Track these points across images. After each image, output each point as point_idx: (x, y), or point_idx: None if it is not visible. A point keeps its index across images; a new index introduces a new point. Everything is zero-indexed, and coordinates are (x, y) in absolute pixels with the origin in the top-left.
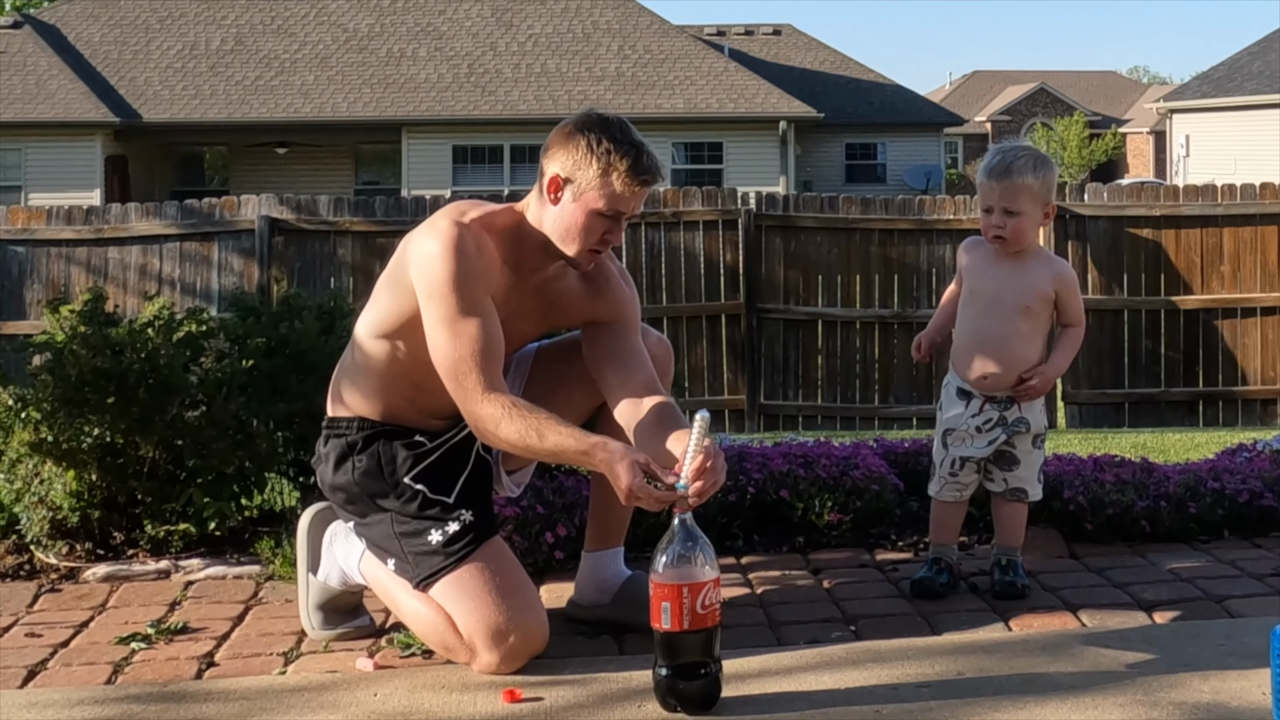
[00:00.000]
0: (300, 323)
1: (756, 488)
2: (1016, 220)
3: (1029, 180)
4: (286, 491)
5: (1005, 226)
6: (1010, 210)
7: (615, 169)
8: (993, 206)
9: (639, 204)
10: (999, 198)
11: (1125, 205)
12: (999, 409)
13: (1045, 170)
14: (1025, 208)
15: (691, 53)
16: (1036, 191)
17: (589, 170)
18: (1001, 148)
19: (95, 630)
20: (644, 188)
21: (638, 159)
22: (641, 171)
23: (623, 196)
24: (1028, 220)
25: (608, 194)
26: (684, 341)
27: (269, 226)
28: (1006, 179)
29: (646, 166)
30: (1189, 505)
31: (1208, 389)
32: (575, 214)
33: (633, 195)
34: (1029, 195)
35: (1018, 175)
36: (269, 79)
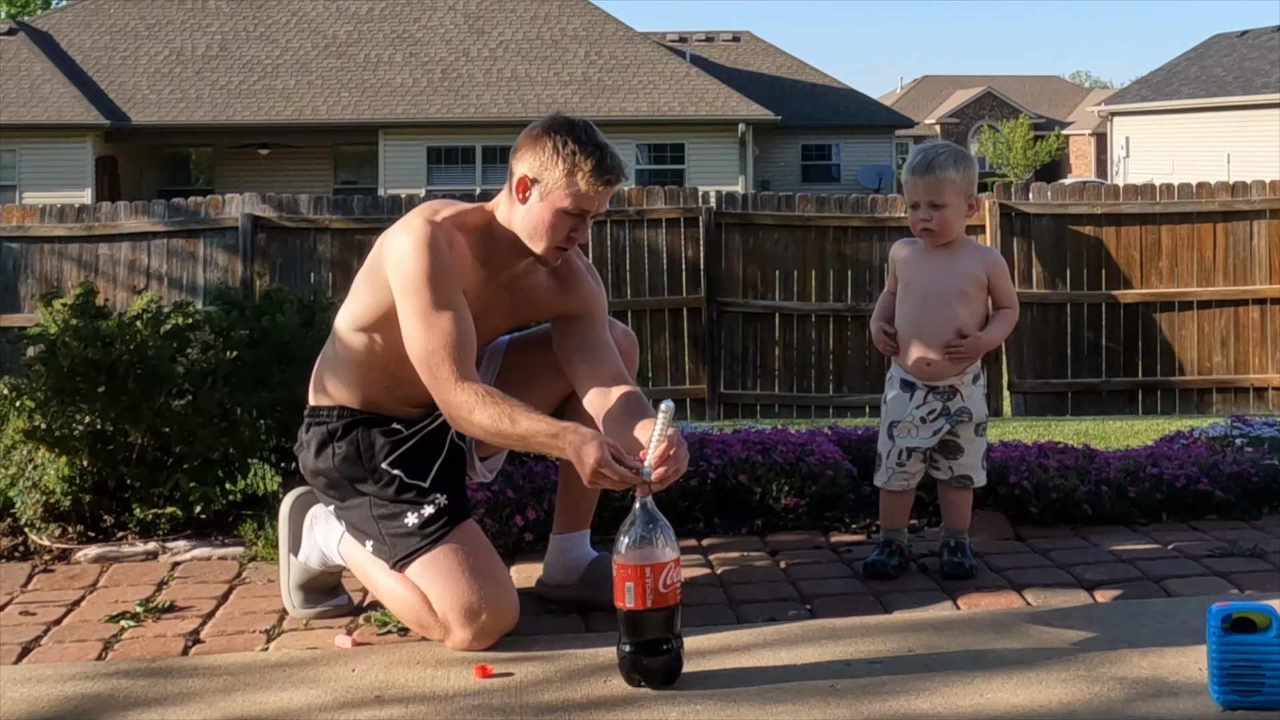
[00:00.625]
0: (282, 316)
1: (716, 473)
2: (942, 213)
3: (951, 175)
4: (269, 476)
5: (932, 219)
6: (936, 204)
7: (580, 169)
8: (919, 201)
9: (603, 203)
10: (924, 193)
11: (1068, 204)
12: (942, 399)
13: (965, 165)
14: (950, 200)
15: (655, 58)
16: (959, 185)
17: (555, 171)
18: (923, 147)
19: (86, 609)
20: (607, 187)
21: (601, 160)
22: (605, 172)
23: (587, 196)
24: (953, 212)
25: (573, 193)
26: (648, 333)
27: (252, 224)
28: (930, 174)
29: (610, 167)
30: (1129, 490)
31: (1146, 379)
32: (542, 213)
33: (597, 195)
34: (952, 189)
35: (940, 170)
36: (252, 83)
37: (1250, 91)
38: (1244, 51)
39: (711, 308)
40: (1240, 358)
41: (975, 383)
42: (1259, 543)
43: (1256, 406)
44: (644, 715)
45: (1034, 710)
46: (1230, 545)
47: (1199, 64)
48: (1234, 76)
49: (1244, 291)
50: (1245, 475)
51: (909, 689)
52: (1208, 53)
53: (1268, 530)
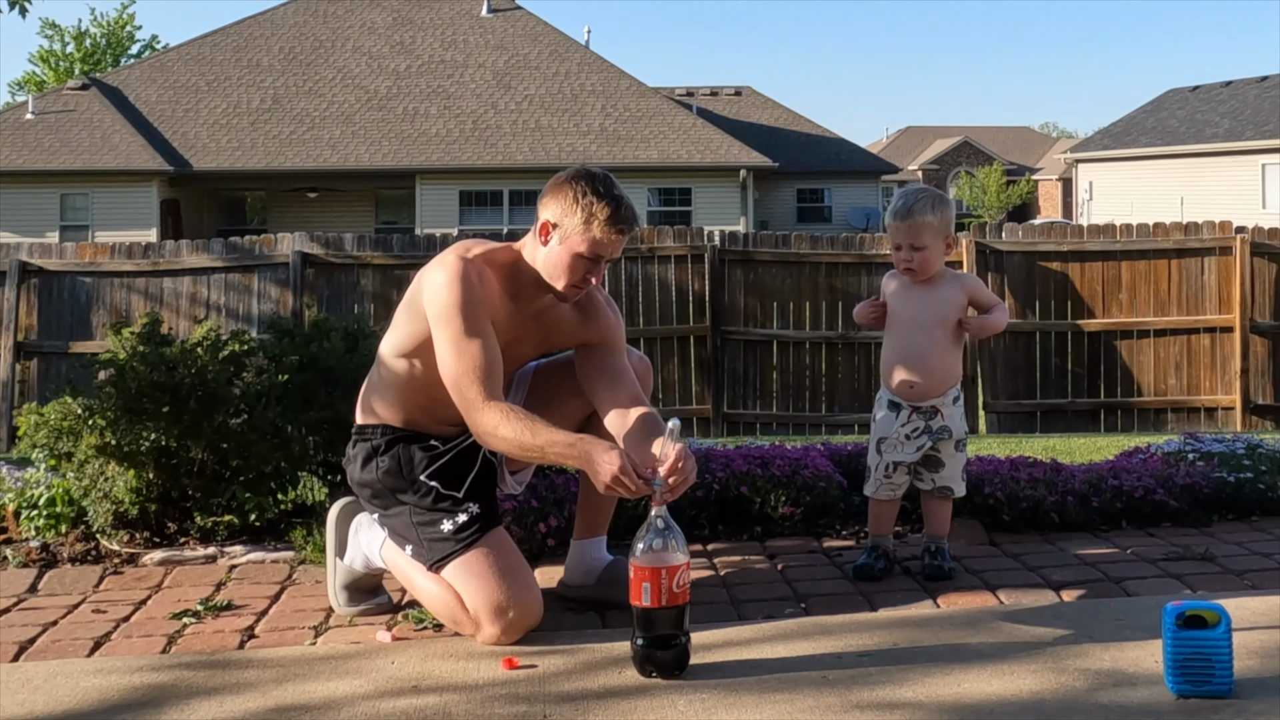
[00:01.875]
0: (328, 343)
1: (721, 484)
2: (922, 254)
3: (929, 219)
4: (316, 488)
5: (913, 260)
6: (916, 246)
7: (596, 219)
8: (901, 244)
9: (617, 249)
10: (905, 235)
11: (1037, 242)
12: (925, 418)
13: (943, 208)
14: (929, 242)
15: (665, 111)
16: (937, 227)
17: (574, 218)
18: (904, 192)
19: (152, 607)
20: (620, 236)
21: (616, 211)
22: (618, 222)
23: (602, 242)
24: (931, 252)
25: (589, 239)
26: (658, 358)
27: (301, 260)
28: (910, 219)
29: (623, 218)
30: (1092, 500)
31: (1108, 400)
32: (561, 255)
33: (610, 242)
34: (931, 231)
35: (919, 215)
36: (301, 134)
37: (1201, 141)
38: (1196, 105)
39: (716, 335)
40: (1193, 381)
41: (955, 403)
42: (1209, 547)
43: (1207, 425)
44: (656, 703)
45: (1006, 699)
46: (1183, 550)
47: (1155, 116)
48: (1187, 127)
49: (1196, 321)
50: (1197, 487)
51: (893, 679)
52: (1163, 106)
53: (1217, 536)
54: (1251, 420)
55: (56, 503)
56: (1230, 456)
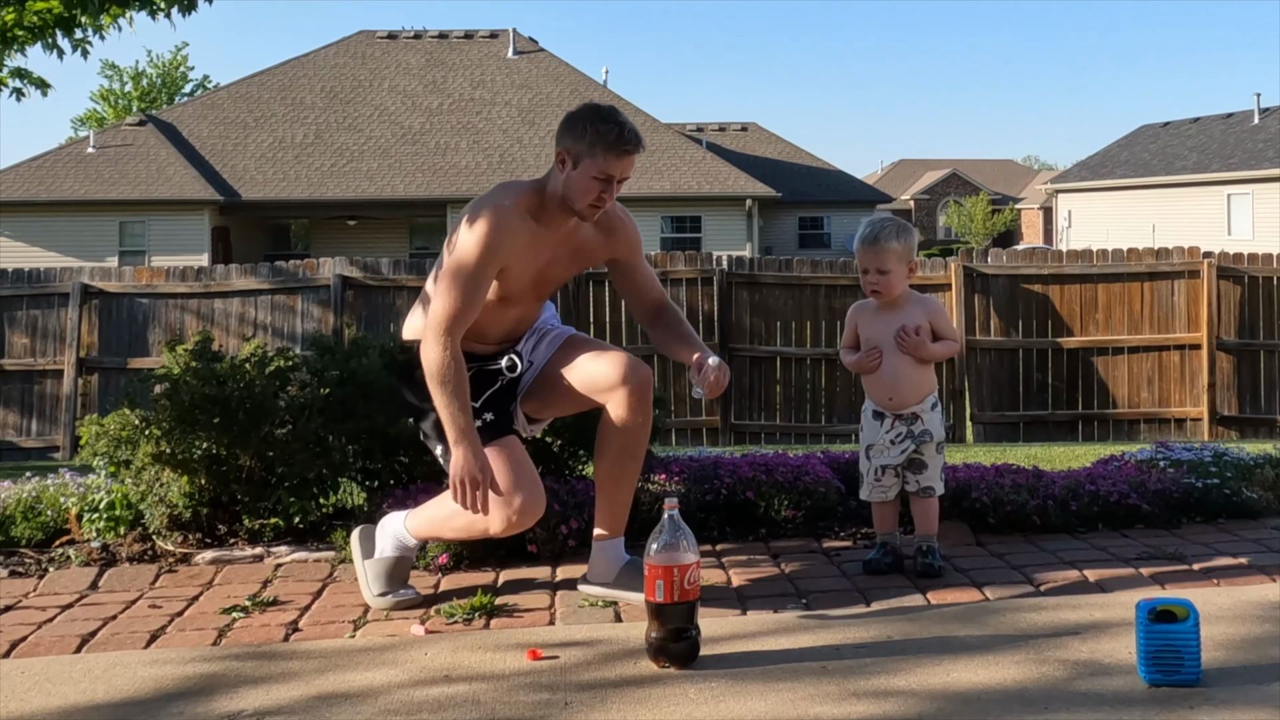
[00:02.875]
0: (366, 359)
1: (728, 489)
2: (887, 277)
3: (894, 245)
4: (355, 493)
5: (879, 283)
6: (881, 270)
7: (601, 142)
8: (868, 268)
9: (627, 169)
10: (872, 260)
11: (1020, 266)
12: (906, 424)
13: (906, 235)
14: (893, 266)
15: (676, 145)
16: (900, 252)
17: (581, 145)
18: (870, 221)
19: (204, 603)
20: (626, 155)
21: (619, 134)
22: (623, 142)
23: (610, 163)
24: (896, 276)
25: (598, 163)
26: (671, 374)
27: (342, 283)
28: (875, 245)
29: (626, 139)
30: (1071, 504)
31: (1086, 411)
32: (577, 179)
33: (618, 161)
34: (895, 256)
35: (884, 241)
36: (341, 166)
37: (1172, 173)
38: (1166, 139)
39: (723, 352)
40: (1164, 394)
41: (934, 410)
42: (1179, 548)
43: (1177, 435)
44: (669, 691)
45: (992, 687)
46: (1155, 550)
47: (1129, 150)
48: (1158, 160)
49: (1166, 339)
50: (1168, 492)
51: (888, 669)
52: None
53: (1186, 537)
54: (1218, 430)
55: (116, 506)
56: (1198, 464)
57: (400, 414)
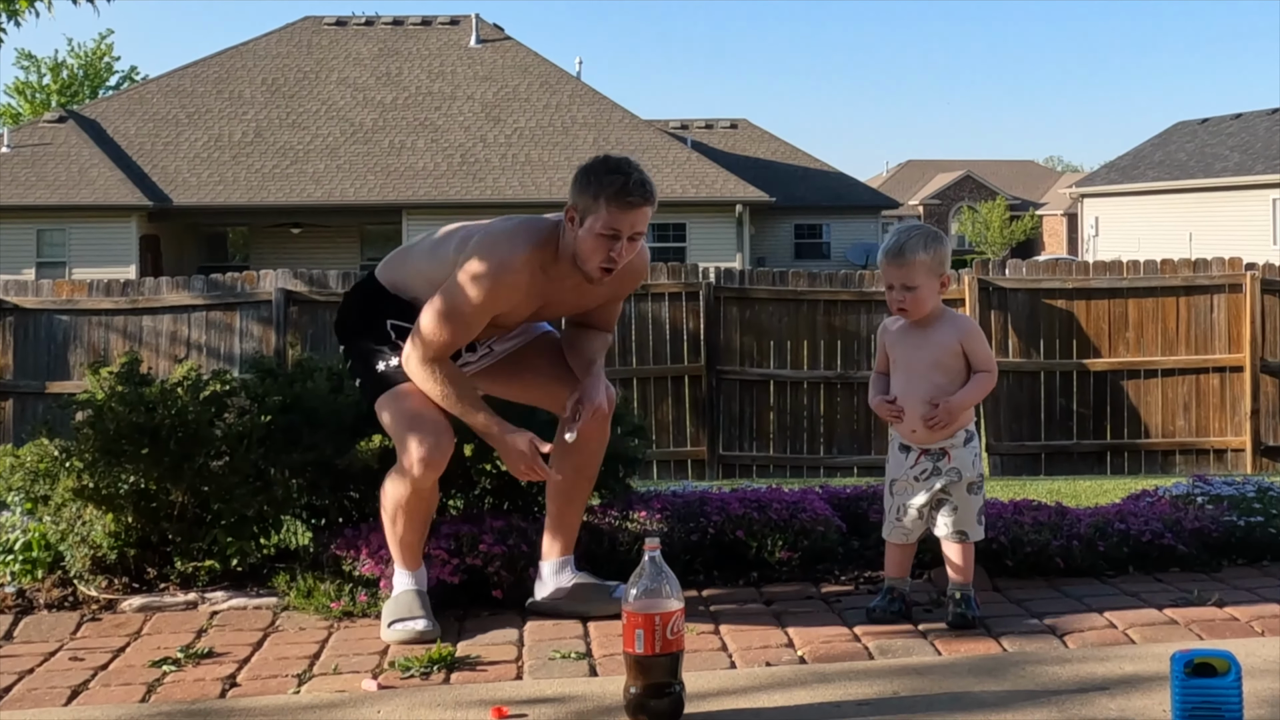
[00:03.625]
0: (312, 383)
1: (716, 528)
2: (914, 294)
3: (921, 257)
4: (300, 532)
5: (905, 300)
6: (908, 285)
7: (604, 195)
8: (893, 284)
9: (635, 223)
10: (897, 275)
11: (1042, 279)
12: (933, 460)
13: (936, 245)
14: (921, 281)
15: (658, 144)
16: (929, 266)
17: (586, 199)
18: (897, 229)
19: (131, 654)
20: (631, 209)
21: (624, 186)
22: (627, 194)
23: (615, 216)
24: (925, 291)
25: (603, 218)
26: (652, 399)
27: (285, 298)
28: (901, 259)
29: (631, 190)
30: (1098, 544)
31: (1115, 441)
32: (584, 238)
33: (623, 214)
34: (923, 270)
35: (910, 254)
36: (284, 167)
37: (1210, 175)
38: (1205, 138)
39: (711, 375)
40: (1201, 422)
41: (967, 444)
42: (1219, 593)
43: (1216, 467)
44: None
45: None
46: (1191, 595)
47: (1163, 149)
48: (1195, 161)
49: (1205, 360)
50: (1206, 531)
51: None
52: (1171, 139)
53: (1226, 581)
54: (1262, 462)
55: (33, 547)
56: (1240, 500)
57: (350, 444)
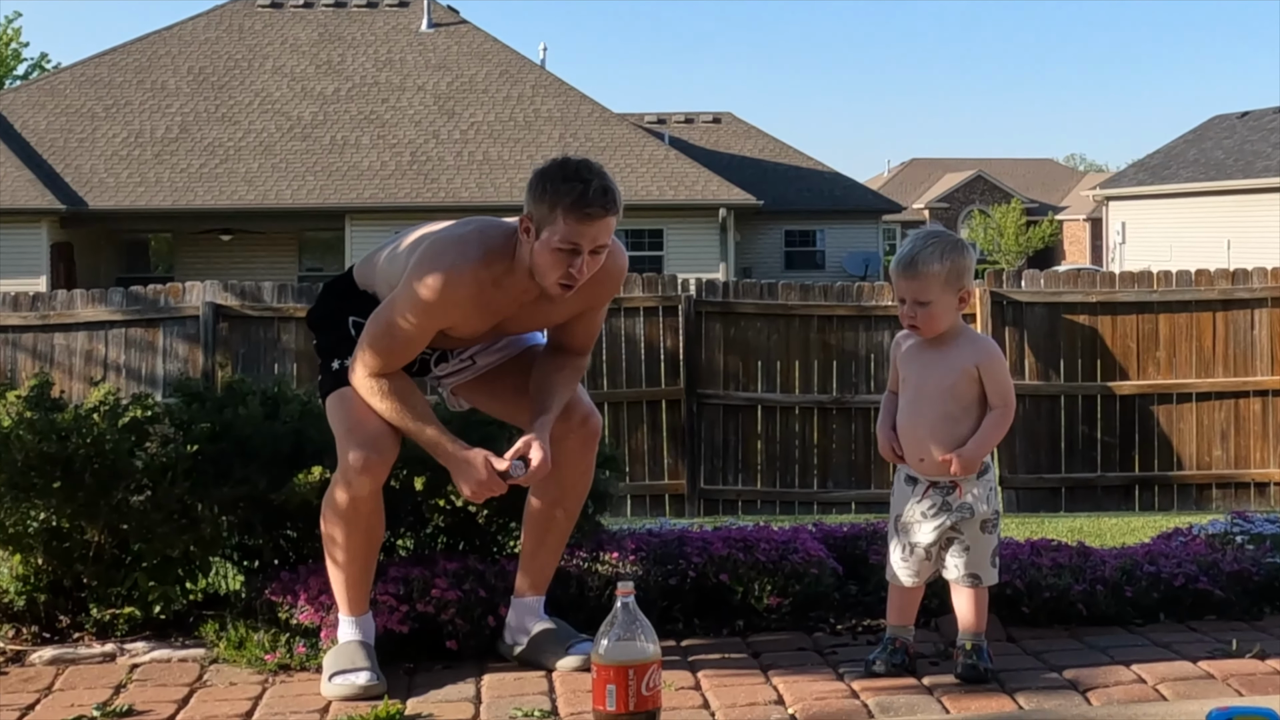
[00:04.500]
0: (245, 409)
1: (696, 571)
2: (927, 309)
3: (935, 269)
4: (231, 575)
5: (917, 316)
6: (921, 300)
7: (560, 206)
8: (905, 297)
9: (596, 236)
10: (909, 288)
11: (1062, 291)
12: (942, 494)
13: (954, 255)
14: (935, 296)
15: (632, 140)
16: (945, 279)
17: (542, 209)
18: (913, 236)
19: (41, 712)
20: (591, 221)
21: (582, 194)
22: (585, 205)
23: (573, 229)
24: (939, 307)
25: (560, 230)
26: (625, 426)
27: (214, 313)
28: (913, 270)
29: (590, 200)
30: (1125, 589)
31: (1144, 474)
32: (540, 251)
33: (582, 226)
34: (938, 284)
35: (924, 265)
36: (213, 166)
37: (1251, 175)
38: (1245, 133)
39: (691, 399)
40: (1241, 451)
41: (981, 477)
42: (1260, 644)
43: (1258, 502)
44: None
45: None
46: (1229, 646)
47: (1198, 146)
48: (1234, 159)
49: (1245, 383)
50: (1246, 574)
51: None
52: (1207, 135)
53: (1269, 631)
54: None
55: None
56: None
57: (287, 477)
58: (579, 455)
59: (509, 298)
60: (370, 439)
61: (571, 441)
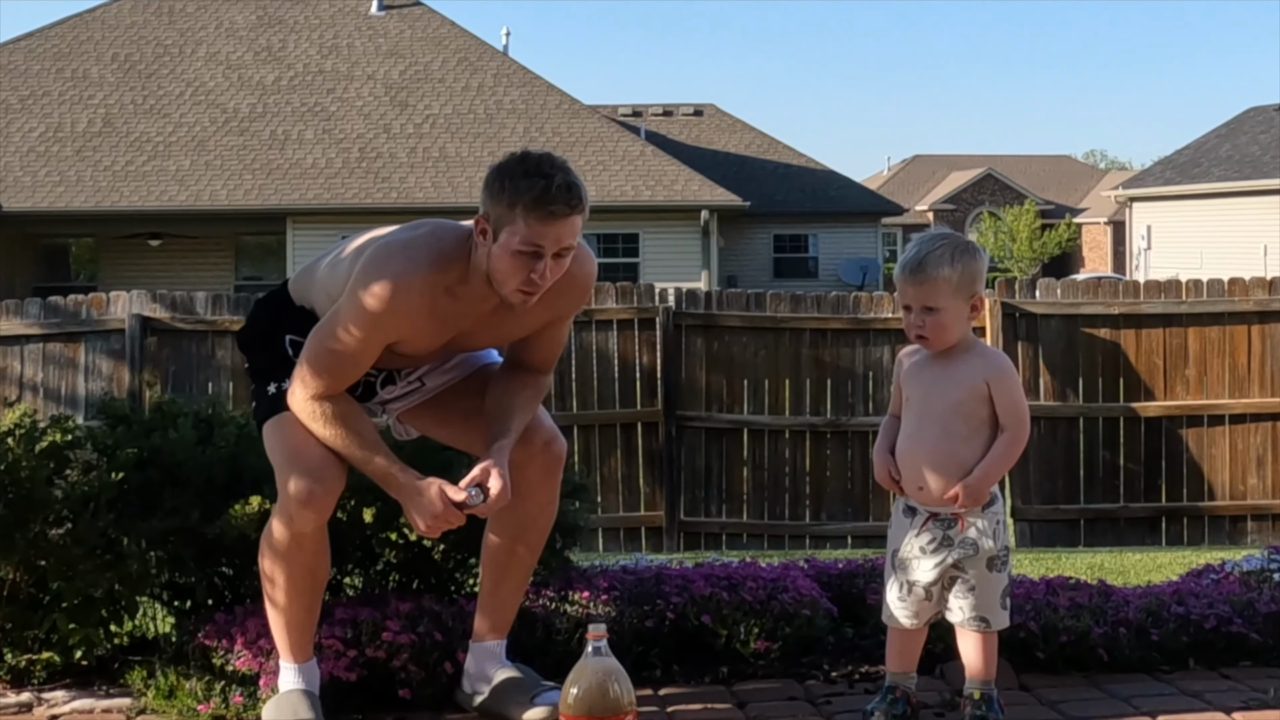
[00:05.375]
0: (175, 432)
1: (676, 612)
2: (936, 317)
3: (945, 273)
4: (160, 617)
5: (925, 325)
6: (929, 307)
7: (520, 203)
8: (911, 304)
9: (560, 236)
10: (915, 295)
11: (1081, 303)
12: (943, 528)
13: (966, 259)
14: (945, 303)
15: (604, 135)
16: (956, 284)
17: (500, 208)
18: (920, 238)
19: None
20: (554, 220)
21: (545, 190)
22: (548, 202)
23: (534, 229)
24: (949, 316)
25: (519, 232)
26: (596, 452)
27: (141, 326)
28: (921, 274)
29: (554, 196)
30: (1150, 632)
31: (1171, 504)
32: (498, 255)
33: (547, 229)
34: (948, 289)
35: (933, 269)
36: (140, 164)
37: None
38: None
39: (670, 422)
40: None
41: (987, 509)
42: None
43: None
44: None
45: None
46: (1266, 696)
47: (1231, 141)
48: (1272, 155)
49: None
50: None
51: None
52: (1242, 129)
53: None
54: None
55: None
56: None
57: (222, 508)
58: (541, 484)
59: (464, 308)
60: (313, 469)
61: (533, 469)
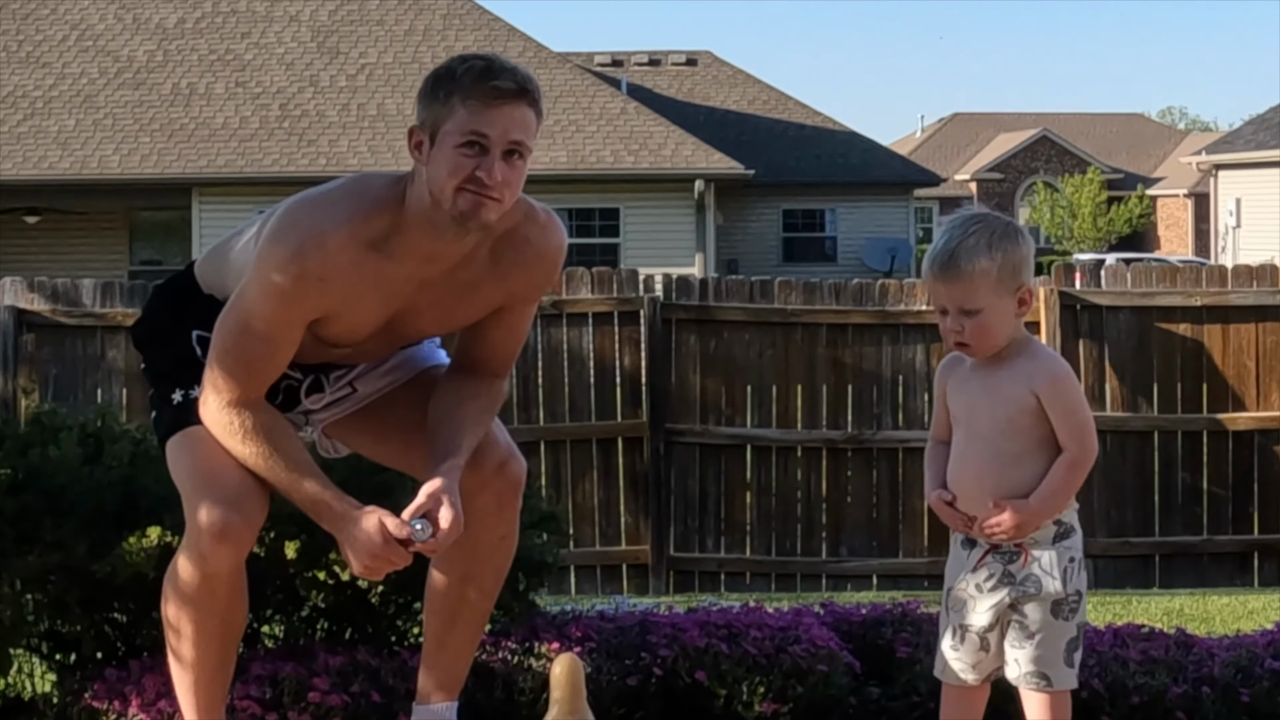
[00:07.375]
0: (57, 449)
1: (664, 668)
2: (977, 320)
3: (983, 265)
4: (39, 673)
5: (964, 330)
6: (966, 309)
7: (458, 90)
8: (946, 306)
9: (508, 126)
10: (949, 296)
11: (1155, 293)
12: (1002, 562)
13: (1006, 244)
14: (986, 301)
15: (578, 88)
16: (998, 277)
17: (435, 108)
18: (949, 223)
19: None
20: (499, 99)
21: (486, 69)
22: (490, 78)
23: (477, 115)
24: (993, 316)
25: (459, 120)
26: (568, 473)
27: (15, 320)
28: (953, 269)
29: (495, 73)
30: (1240, 691)
31: (1265, 536)
32: (436, 161)
33: (491, 114)
34: (987, 285)
35: (967, 262)
36: (14, 125)
37: None
38: None
39: (657, 437)
40: None
41: (1059, 543)
42: None
43: None
44: None
45: None
46: None
47: None
48: None
49: None
50: None
51: None
52: None
53: None
54: None
55: None
56: None
57: (114, 540)
58: (496, 514)
59: (402, 270)
60: (230, 496)
61: (486, 496)
